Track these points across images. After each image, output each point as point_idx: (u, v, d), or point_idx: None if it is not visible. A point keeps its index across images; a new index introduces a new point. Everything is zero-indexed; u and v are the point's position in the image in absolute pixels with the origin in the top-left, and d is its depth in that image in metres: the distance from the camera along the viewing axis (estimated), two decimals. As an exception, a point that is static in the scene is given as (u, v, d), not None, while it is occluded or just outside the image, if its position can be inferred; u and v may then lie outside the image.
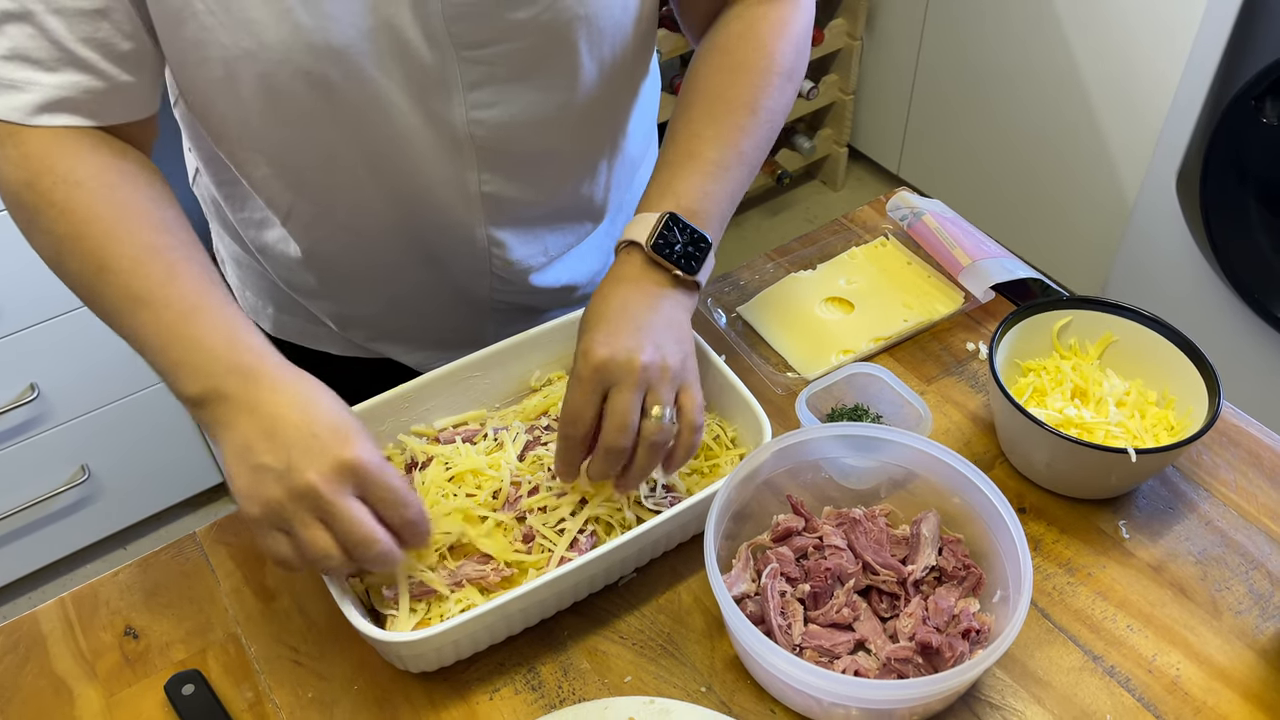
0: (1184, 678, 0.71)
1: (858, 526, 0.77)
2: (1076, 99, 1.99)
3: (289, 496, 0.62)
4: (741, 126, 0.78)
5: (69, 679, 0.74)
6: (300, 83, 0.70)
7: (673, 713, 0.69)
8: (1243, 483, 0.83)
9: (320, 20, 0.67)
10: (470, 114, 0.77)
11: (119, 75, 0.69)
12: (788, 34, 0.81)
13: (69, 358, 1.62)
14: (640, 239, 0.74)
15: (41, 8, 0.65)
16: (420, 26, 0.71)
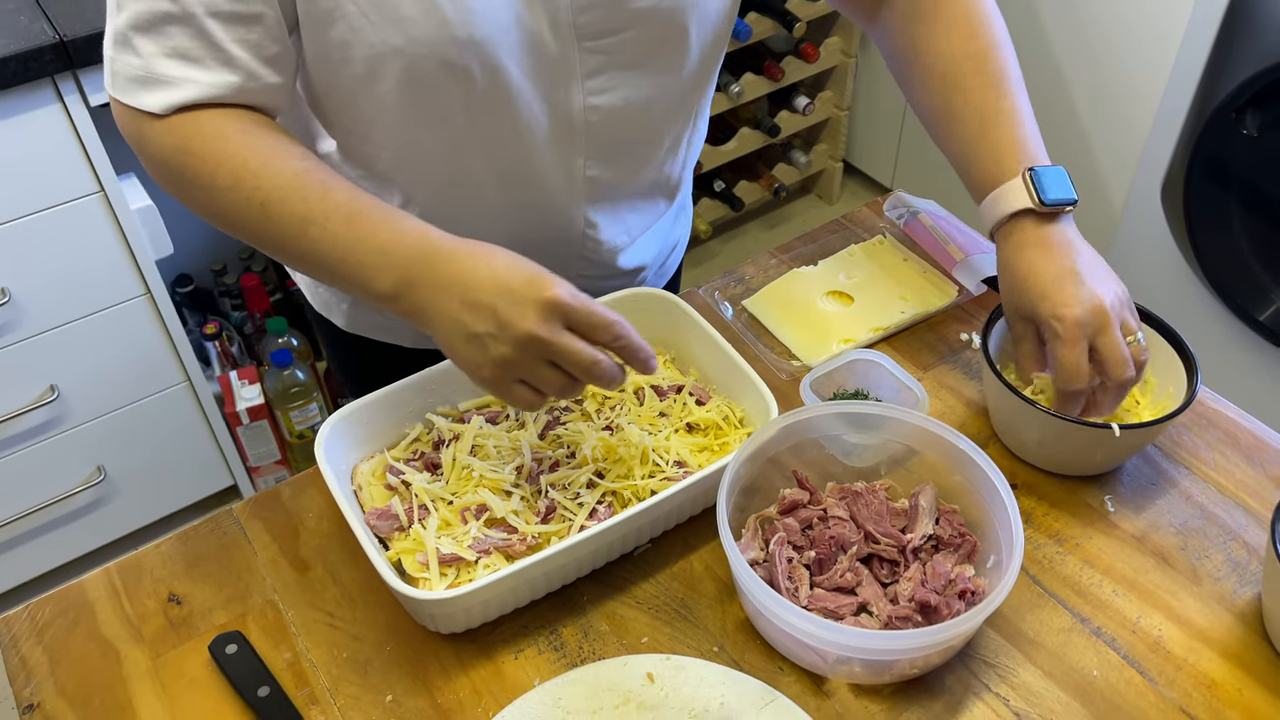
0: (1166, 638, 0.76)
1: (859, 499, 0.82)
2: (1064, 112, 2.06)
3: (514, 350, 0.69)
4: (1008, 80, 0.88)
5: (116, 641, 0.78)
6: (442, 74, 0.76)
7: (687, 668, 0.73)
8: (1221, 461, 0.88)
9: (464, 15, 0.73)
10: (587, 100, 0.84)
11: (268, 75, 0.76)
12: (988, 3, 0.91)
13: (89, 361, 1.66)
14: (1028, 204, 0.83)
15: (201, 10, 0.72)
16: (548, 19, 0.78)
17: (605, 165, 0.90)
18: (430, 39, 0.74)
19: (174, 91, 0.74)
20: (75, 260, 1.55)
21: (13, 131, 1.41)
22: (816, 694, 0.74)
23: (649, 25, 0.81)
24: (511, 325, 0.69)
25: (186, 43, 0.72)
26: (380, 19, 0.73)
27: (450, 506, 0.79)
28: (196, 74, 0.73)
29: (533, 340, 0.69)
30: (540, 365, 0.71)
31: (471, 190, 0.87)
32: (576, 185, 0.90)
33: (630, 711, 0.71)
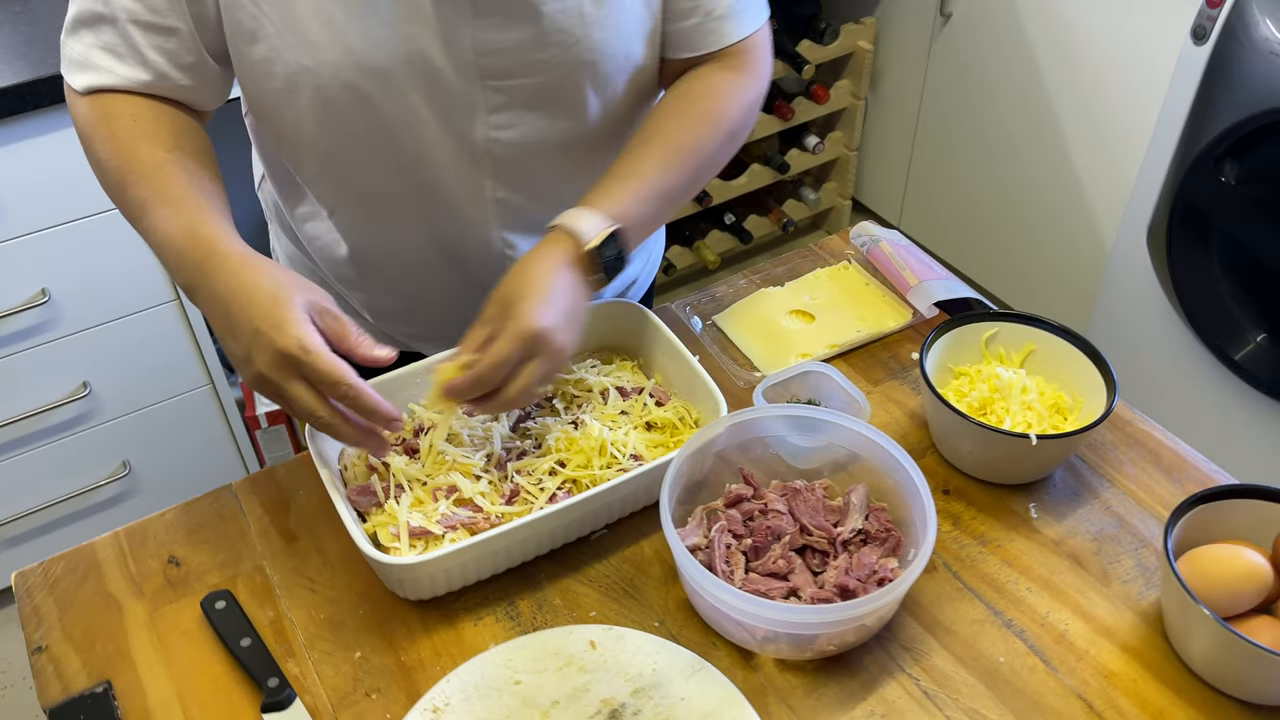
0: (1071, 631, 0.82)
1: (798, 495, 0.89)
2: (1060, 158, 2.14)
3: (254, 380, 0.78)
4: (683, 165, 0.91)
5: (119, 596, 0.87)
6: (347, 95, 0.86)
7: (626, 638, 0.81)
8: (1142, 476, 0.94)
9: (365, 44, 0.83)
10: (490, 133, 0.92)
11: (179, 79, 0.87)
12: (739, 98, 0.95)
13: (119, 361, 1.77)
14: (588, 239, 0.85)
15: (125, 17, 0.84)
16: (451, 58, 0.86)
17: (515, 192, 0.97)
18: (336, 63, 0.84)
19: (95, 76, 0.86)
20: (110, 265, 1.67)
21: (58, 144, 1.53)
22: (744, 667, 0.81)
23: (545, 74, 0.88)
24: (251, 361, 0.77)
25: (114, 40, 0.85)
26: (294, 41, 0.83)
27: (424, 487, 0.87)
28: (115, 66, 0.86)
29: (264, 379, 0.77)
30: (277, 397, 0.78)
31: (388, 203, 0.96)
32: (486, 207, 0.97)
33: (572, 674, 0.79)
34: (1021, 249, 2.33)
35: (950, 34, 2.29)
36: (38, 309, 1.63)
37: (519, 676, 0.78)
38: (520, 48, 0.86)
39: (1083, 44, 2.02)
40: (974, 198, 2.40)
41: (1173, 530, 0.79)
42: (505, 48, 0.86)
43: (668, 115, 0.94)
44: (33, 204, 1.55)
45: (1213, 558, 0.77)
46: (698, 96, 0.94)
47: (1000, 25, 2.16)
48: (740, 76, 0.96)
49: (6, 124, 1.47)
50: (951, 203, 2.48)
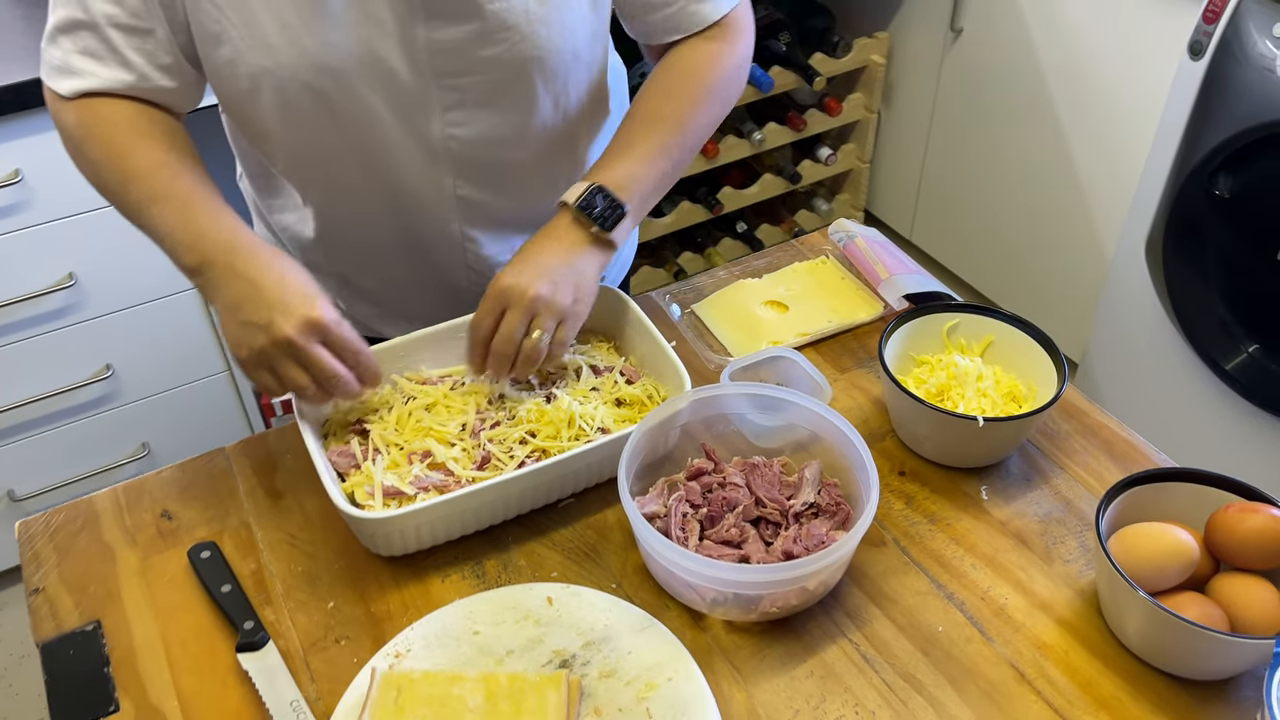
0: (1010, 605, 0.86)
1: (756, 470, 0.93)
2: (1065, 171, 2.17)
3: (271, 345, 0.84)
4: (668, 131, 0.99)
5: (114, 545, 0.93)
6: (305, 94, 0.91)
7: (582, 596, 0.85)
8: (1094, 464, 0.97)
9: (321, 46, 0.88)
10: (446, 130, 0.97)
11: (160, 79, 0.92)
12: (721, 63, 1.01)
13: (142, 344, 1.84)
14: (569, 200, 0.94)
15: (104, 21, 0.89)
16: (405, 57, 0.92)
17: (475, 188, 1.03)
18: (293, 64, 0.89)
19: (80, 80, 0.91)
20: (134, 252, 1.74)
21: (90, 134, 1.61)
22: (694, 628, 0.85)
23: (495, 71, 0.94)
24: (275, 326, 0.85)
25: (94, 44, 0.90)
26: (253, 43, 0.88)
27: (400, 451, 0.93)
28: (98, 69, 0.90)
29: (289, 343, 0.85)
30: (288, 363, 0.86)
31: (353, 195, 1.02)
32: (448, 202, 1.03)
33: (528, 627, 0.83)
34: (1027, 260, 2.36)
35: (961, 49, 2.32)
36: (65, 291, 1.71)
37: (478, 628, 0.83)
38: (469, 46, 0.91)
39: (1087, 59, 2.06)
40: (983, 210, 2.43)
41: (1107, 508, 0.82)
42: (455, 46, 0.91)
43: (653, 92, 1.01)
44: (61, 190, 1.63)
45: (1142, 534, 0.80)
46: (680, 68, 1.01)
47: (1008, 41, 2.20)
48: (721, 45, 1.02)
49: (40, 113, 1.55)
50: (961, 214, 2.51)
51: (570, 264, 0.93)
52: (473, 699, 0.76)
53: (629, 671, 0.79)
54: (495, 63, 0.93)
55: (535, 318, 0.90)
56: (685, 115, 0.99)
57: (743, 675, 0.81)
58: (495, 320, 0.91)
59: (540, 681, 0.77)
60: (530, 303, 0.90)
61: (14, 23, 1.64)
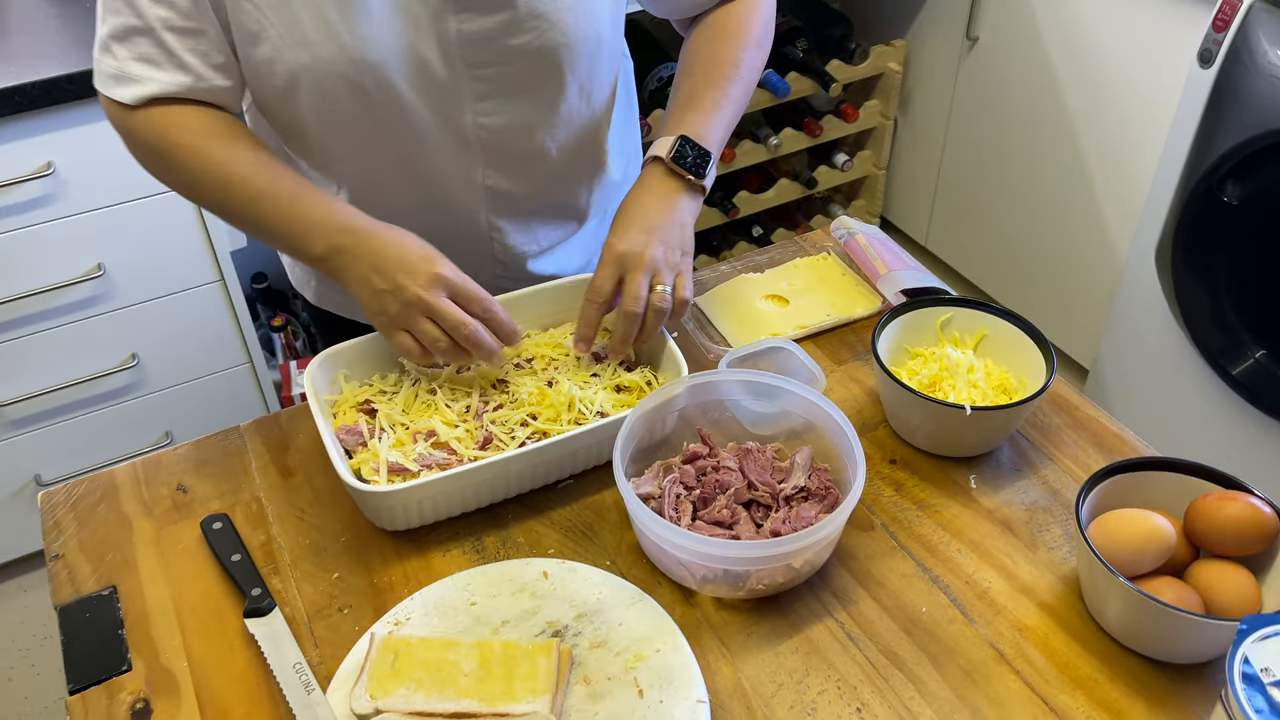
0: (993, 589, 0.88)
1: (749, 455, 0.96)
2: (1079, 179, 2.18)
3: (403, 306, 0.90)
4: (727, 77, 1.06)
5: (131, 515, 0.97)
6: (343, 89, 0.95)
7: (577, 570, 0.88)
8: (1083, 456, 0.99)
9: (357, 40, 0.92)
10: (478, 120, 1.01)
11: (215, 79, 0.96)
12: (756, 14, 1.11)
13: (167, 335, 1.89)
14: (662, 154, 1.00)
15: (159, 25, 0.92)
16: (438, 49, 0.95)
17: (503, 177, 1.07)
18: (331, 59, 0.92)
19: (139, 87, 0.94)
20: (162, 245, 1.79)
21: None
22: (684, 604, 0.88)
23: (525, 59, 0.98)
24: (404, 288, 0.90)
25: (150, 50, 0.93)
26: (292, 40, 0.92)
27: (406, 430, 0.96)
28: (156, 74, 0.93)
29: (418, 300, 0.90)
30: (422, 320, 0.91)
31: (385, 187, 1.05)
32: (477, 193, 1.07)
33: (523, 599, 0.86)
34: (1041, 267, 2.37)
35: (976, 57, 2.35)
36: (93, 281, 1.76)
37: (475, 599, 0.86)
38: (499, 35, 0.95)
39: (1099, 67, 2.07)
40: (997, 216, 2.45)
41: (1088, 494, 0.84)
42: (485, 37, 0.95)
43: (701, 42, 1.10)
44: (91, 183, 1.68)
45: (1120, 520, 0.82)
46: (720, 25, 1.10)
47: (1023, 49, 2.22)
48: (751, 3, 1.11)
49: (72, 108, 1.60)
50: (976, 221, 2.52)
51: (672, 218, 0.98)
52: (467, 664, 0.79)
53: (619, 643, 0.82)
54: (525, 51, 0.97)
55: (655, 275, 0.95)
56: (738, 64, 1.07)
57: (730, 650, 0.84)
58: (614, 286, 0.96)
59: (532, 649, 0.80)
60: (649, 263, 0.95)
61: (47, 20, 1.70)
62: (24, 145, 1.60)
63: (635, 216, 0.98)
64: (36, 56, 1.60)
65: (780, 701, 0.80)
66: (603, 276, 0.97)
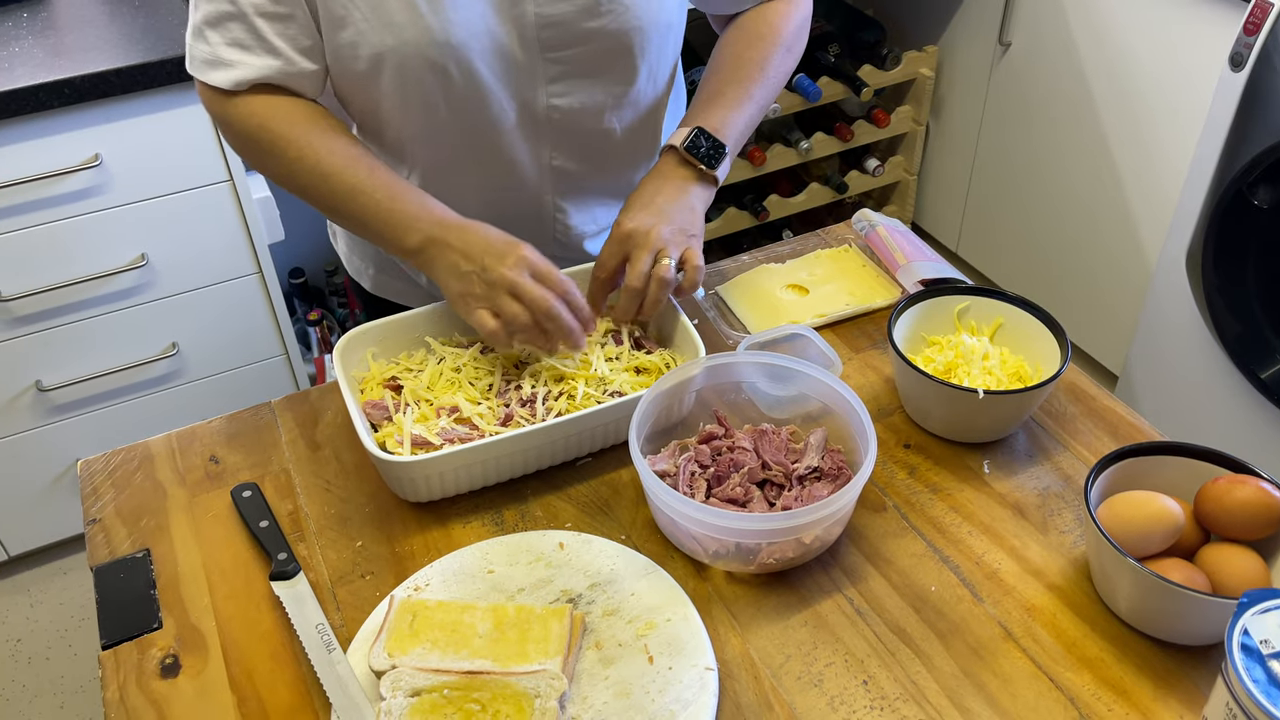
0: (1002, 570, 0.89)
1: (764, 436, 0.97)
2: (1110, 183, 2.17)
3: (487, 286, 0.94)
4: (751, 77, 1.09)
5: (166, 483, 1.01)
6: (425, 71, 0.98)
7: (592, 543, 0.90)
8: (1097, 444, 1.00)
9: (443, 24, 0.95)
10: (550, 101, 1.05)
11: (303, 63, 0.99)
12: (789, 19, 1.13)
13: (206, 325, 1.95)
14: (676, 143, 1.03)
15: (251, 10, 0.96)
16: (517, 33, 0.99)
17: (569, 158, 1.11)
18: (416, 41, 0.96)
19: (232, 71, 0.98)
20: (203, 237, 1.85)
21: (164, 124, 1.71)
22: (696, 578, 0.89)
23: (599, 42, 1.01)
24: (489, 268, 0.94)
25: (241, 35, 0.97)
26: (378, 23, 0.95)
27: (430, 406, 0.99)
28: (248, 58, 0.97)
29: (503, 279, 0.93)
30: (505, 298, 0.94)
31: (456, 169, 1.09)
32: (544, 173, 1.11)
33: (539, 568, 0.88)
34: (1071, 272, 2.37)
35: (1009, 63, 2.35)
36: (137, 271, 1.82)
37: (493, 567, 0.88)
38: (576, 18, 0.99)
39: (1131, 71, 2.07)
40: (1029, 222, 2.45)
41: (1098, 477, 0.85)
42: (563, 20, 0.99)
43: (730, 42, 1.13)
44: (137, 175, 1.74)
45: (1129, 501, 0.83)
46: (754, 25, 1.13)
47: (1055, 55, 2.22)
48: (788, 4, 1.14)
49: (121, 101, 1.66)
50: (1007, 227, 2.52)
51: (681, 202, 1.01)
52: (482, 626, 0.81)
53: (630, 611, 0.84)
54: (600, 34, 1.01)
55: (660, 252, 0.98)
56: (764, 65, 1.10)
57: (739, 622, 0.86)
58: (619, 263, 0.99)
59: (545, 613, 0.82)
60: (654, 241, 0.98)
61: (96, 16, 1.76)
62: (73, 137, 1.66)
63: (645, 198, 1.01)
64: (85, 51, 1.65)
65: (788, 672, 0.82)
66: (608, 253, 1.00)
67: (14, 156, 1.63)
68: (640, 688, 0.78)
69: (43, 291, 1.76)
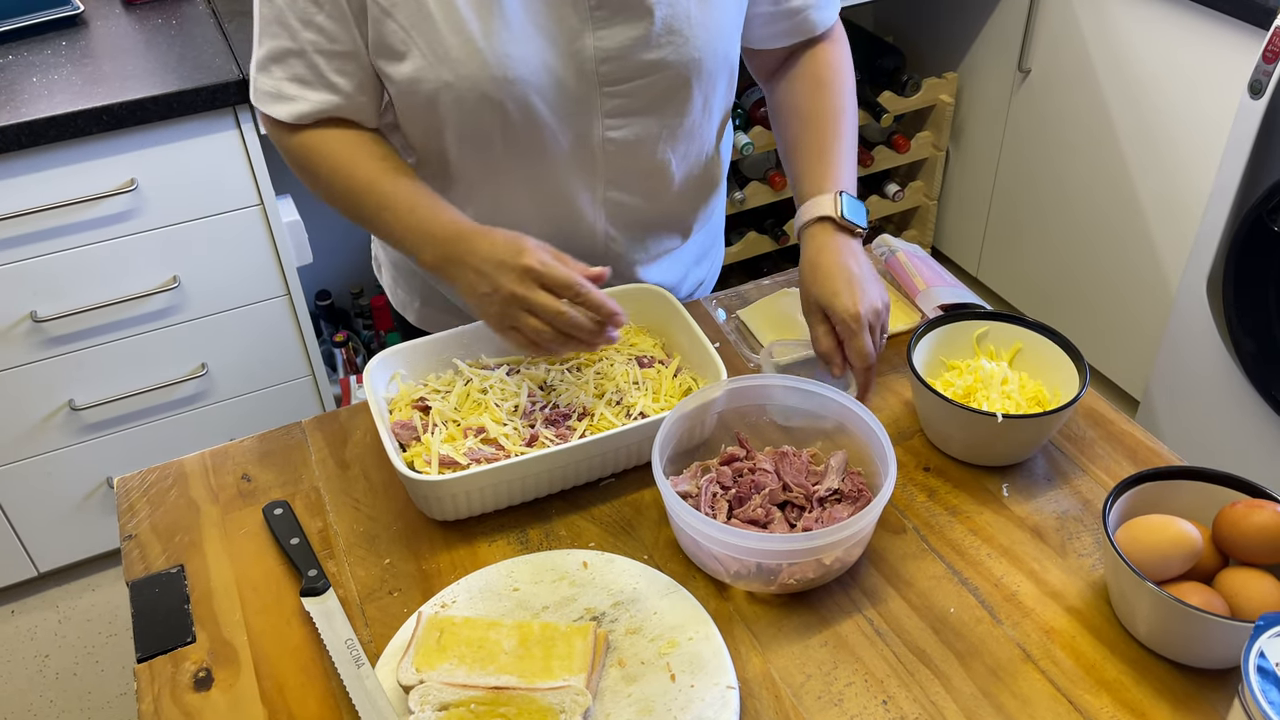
0: (1021, 592, 0.90)
1: (785, 458, 0.99)
2: (1130, 210, 2.18)
3: (504, 305, 0.94)
4: (841, 125, 1.12)
5: (199, 500, 1.03)
6: (483, 106, 1.00)
7: (615, 562, 0.92)
8: (1116, 468, 1.01)
9: (499, 59, 0.97)
10: (605, 134, 1.06)
11: (359, 96, 1.03)
12: (845, 64, 1.17)
13: (235, 346, 1.98)
14: (830, 213, 1.04)
15: (311, 49, 1.00)
16: (575, 68, 1.01)
17: (623, 190, 1.12)
18: (473, 76, 0.97)
19: (294, 105, 1.02)
20: (234, 259, 1.88)
21: (198, 148, 1.75)
22: (718, 598, 0.91)
23: (658, 73, 1.03)
24: (500, 287, 0.94)
25: (302, 71, 1.01)
26: (435, 59, 0.97)
27: (457, 427, 1.01)
28: (308, 93, 1.01)
29: (514, 297, 0.94)
30: (524, 315, 0.94)
31: (511, 203, 1.10)
32: (598, 205, 1.12)
33: (563, 586, 0.90)
34: (1092, 298, 2.37)
35: (1029, 89, 2.37)
36: (169, 293, 1.85)
37: (518, 585, 0.90)
38: (634, 51, 1.00)
39: (1150, 98, 2.08)
40: (1049, 248, 2.46)
41: (1116, 501, 0.86)
42: (621, 53, 1.00)
43: (808, 94, 1.14)
44: (171, 199, 1.78)
45: (1148, 525, 0.84)
46: (816, 74, 1.15)
47: (1075, 81, 2.23)
48: (836, 46, 1.17)
49: (156, 128, 1.70)
50: (1027, 252, 2.53)
51: (864, 267, 1.03)
52: (507, 642, 0.83)
53: (653, 630, 0.85)
54: (658, 66, 1.02)
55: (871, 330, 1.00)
56: (846, 110, 1.13)
57: (760, 642, 0.87)
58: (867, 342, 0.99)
59: (569, 630, 0.83)
60: (875, 320, 1.00)
61: (135, 46, 1.81)
62: (110, 162, 1.70)
63: (847, 276, 1.00)
64: (123, 78, 1.70)
65: (808, 691, 0.83)
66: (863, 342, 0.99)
67: (53, 181, 1.68)
68: (663, 705, 0.80)
69: (77, 313, 1.80)
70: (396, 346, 1.07)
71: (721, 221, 1.33)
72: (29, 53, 1.79)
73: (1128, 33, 2.09)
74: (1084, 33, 2.18)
